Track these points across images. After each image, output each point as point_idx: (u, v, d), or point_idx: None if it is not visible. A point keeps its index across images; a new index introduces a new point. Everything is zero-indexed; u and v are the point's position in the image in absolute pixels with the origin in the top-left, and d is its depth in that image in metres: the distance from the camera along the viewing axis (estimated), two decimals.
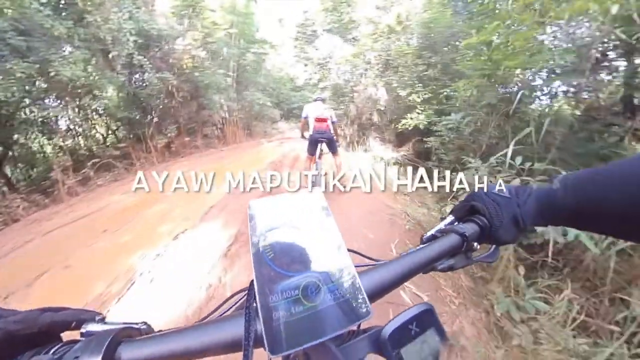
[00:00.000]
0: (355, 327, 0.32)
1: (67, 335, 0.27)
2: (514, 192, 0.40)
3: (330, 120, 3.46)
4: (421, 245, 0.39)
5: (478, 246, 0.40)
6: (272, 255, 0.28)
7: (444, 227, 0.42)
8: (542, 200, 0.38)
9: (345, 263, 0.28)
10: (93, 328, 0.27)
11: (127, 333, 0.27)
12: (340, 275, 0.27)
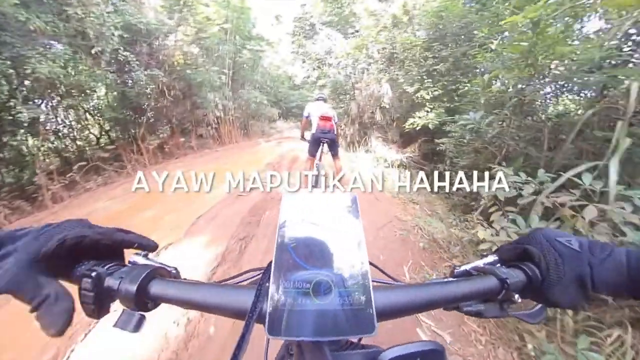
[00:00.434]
0: (355, 339, 0.34)
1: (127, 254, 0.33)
2: (586, 247, 0.32)
3: (334, 120, 3.33)
4: (450, 278, 0.36)
5: (519, 299, 0.32)
6: (295, 244, 0.29)
7: (483, 265, 0.36)
8: (633, 266, 0.29)
9: (363, 272, 0.28)
10: (138, 260, 0.34)
11: (160, 272, 0.33)
12: (354, 282, 0.27)
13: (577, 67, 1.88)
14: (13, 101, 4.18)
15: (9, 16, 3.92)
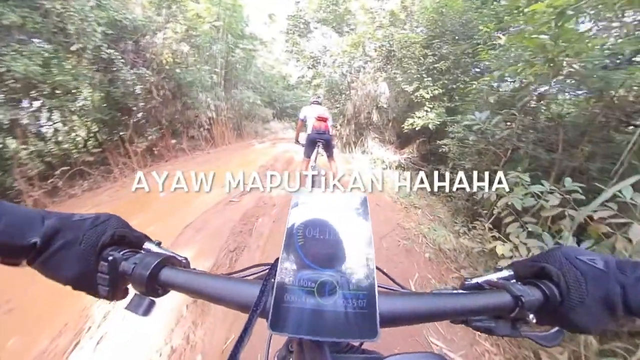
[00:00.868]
0: (356, 343, 0.34)
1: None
2: (613, 265, 0.30)
3: (329, 122, 3.36)
4: (460, 290, 0.34)
5: (534, 319, 0.30)
6: (302, 242, 0.29)
7: (496, 279, 0.34)
8: None
9: (369, 276, 0.28)
10: (151, 247, 0.36)
11: (171, 260, 0.34)
12: (359, 286, 0.27)
13: (594, 64, 1.73)
14: None
15: None
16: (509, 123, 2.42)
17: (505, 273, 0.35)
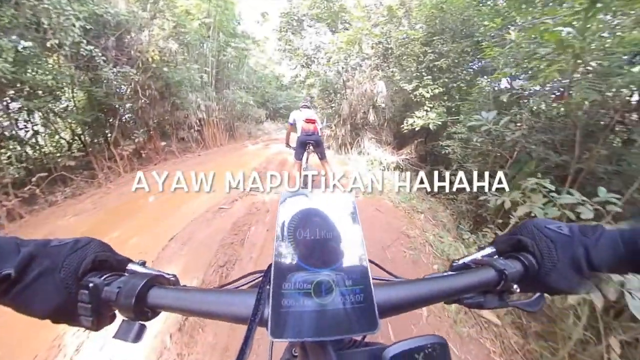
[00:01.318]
0: (358, 337, 0.34)
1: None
2: (576, 231, 0.33)
3: (318, 124, 3.46)
4: (449, 272, 0.35)
5: (518, 289, 0.33)
6: (294, 245, 0.29)
7: (481, 258, 0.37)
8: (627, 241, 0.30)
9: (363, 270, 0.28)
10: (135, 268, 0.33)
11: (159, 279, 0.32)
12: (355, 281, 0.27)
13: (619, 60, 1.57)
14: None
15: None
16: (518, 124, 2.26)
17: (488, 250, 0.37)
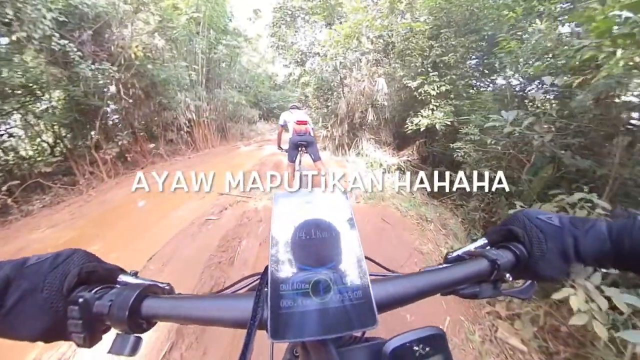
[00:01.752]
0: (358, 334, 0.33)
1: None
2: (566, 222, 0.34)
3: (309, 125, 3.43)
4: (444, 265, 0.36)
5: (510, 278, 0.34)
6: (290, 246, 0.29)
7: (474, 249, 0.37)
8: (614, 237, 0.31)
9: (360, 267, 0.28)
10: (127, 279, 0.32)
11: (152, 289, 0.31)
12: (352, 279, 0.27)
13: None
14: None
15: None
16: (546, 125, 1.99)
17: (481, 242, 0.38)
